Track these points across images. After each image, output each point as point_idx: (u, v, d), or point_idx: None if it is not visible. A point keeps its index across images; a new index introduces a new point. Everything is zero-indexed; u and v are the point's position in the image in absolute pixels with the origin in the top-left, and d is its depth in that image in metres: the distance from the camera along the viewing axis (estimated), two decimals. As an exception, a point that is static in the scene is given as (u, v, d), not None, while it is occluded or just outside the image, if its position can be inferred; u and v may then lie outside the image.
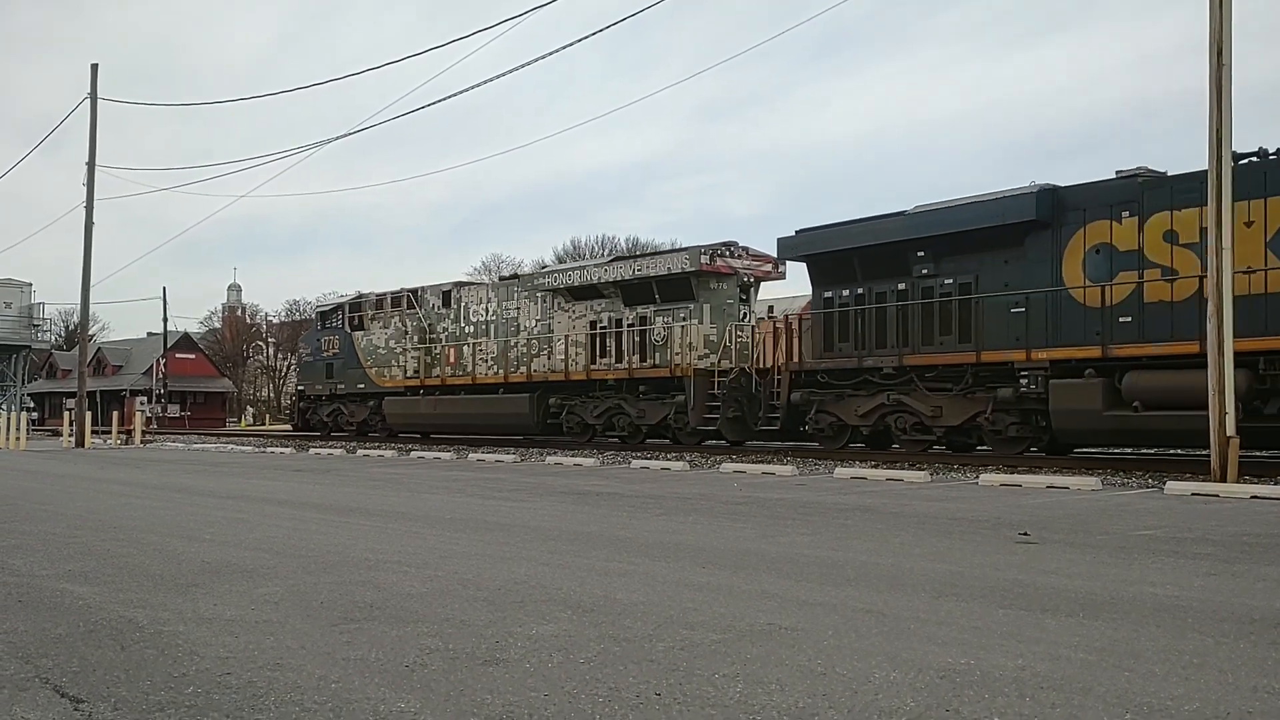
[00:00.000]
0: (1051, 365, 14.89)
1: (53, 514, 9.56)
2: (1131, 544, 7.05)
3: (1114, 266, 14.54)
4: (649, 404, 21.67)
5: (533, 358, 24.24)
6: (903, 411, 17.07)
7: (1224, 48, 11.91)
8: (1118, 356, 14.25)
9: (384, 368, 28.27)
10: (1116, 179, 14.93)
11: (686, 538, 7.47)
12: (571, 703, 3.23)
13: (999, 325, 15.62)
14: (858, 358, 17.41)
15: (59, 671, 3.66)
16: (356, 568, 6.03)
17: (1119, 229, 14.49)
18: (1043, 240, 15.25)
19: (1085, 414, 14.50)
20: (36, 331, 55.73)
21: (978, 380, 15.99)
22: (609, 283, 22.63)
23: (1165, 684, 3.42)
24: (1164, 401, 13.60)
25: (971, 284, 16.07)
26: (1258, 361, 12.94)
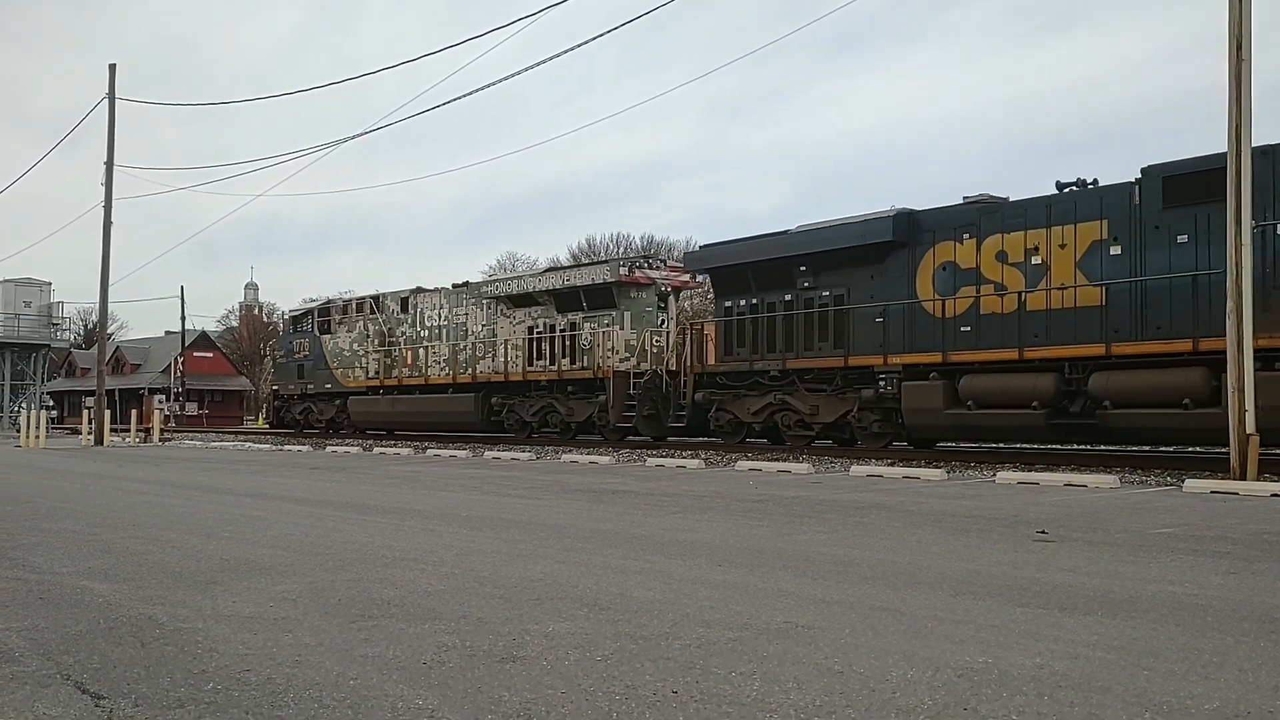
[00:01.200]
0: (904, 369, 16.92)
1: (72, 512, 9.63)
2: (1150, 542, 7.01)
3: (956, 282, 16.55)
4: (577, 403, 23.72)
5: (478, 360, 26.34)
6: (787, 410, 19.19)
7: (1243, 42, 11.82)
8: (955, 361, 16.28)
9: (349, 369, 30.53)
10: (961, 204, 16.95)
11: (702, 536, 7.47)
12: (588, 700, 3.23)
13: (865, 333, 17.75)
14: (750, 361, 19.53)
15: (80, 668, 3.69)
16: (374, 565, 6.06)
17: (961, 249, 16.52)
18: (900, 258, 17.32)
19: (930, 412, 16.52)
20: (56, 330, 56.15)
21: (847, 382, 18.11)
22: (543, 291, 24.90)
23: (1185, 683, 3.40)
24: (991, 400, 15.68)
25: (844, 296, 18.19)
26: (1063, 366, 14.98)
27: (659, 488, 12.02)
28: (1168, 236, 14.29)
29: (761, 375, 19.43)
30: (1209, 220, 13.66)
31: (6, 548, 6.97)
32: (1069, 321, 15.13)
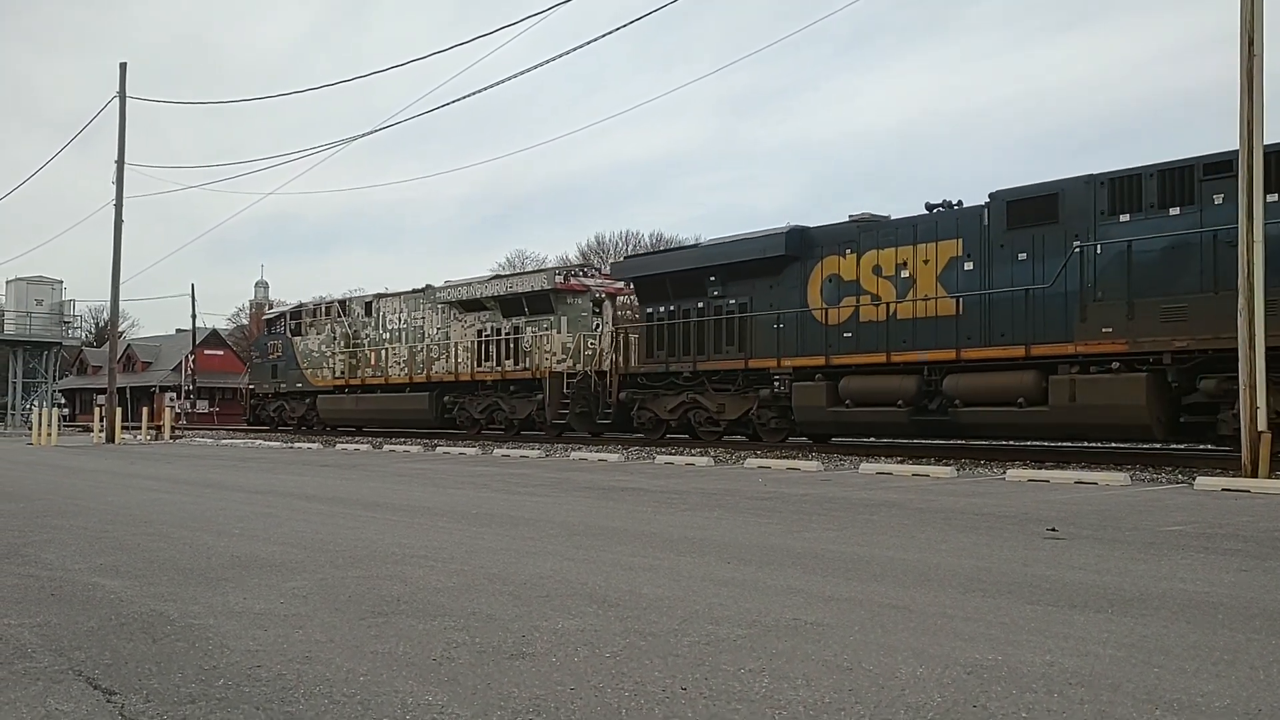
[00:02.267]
0: (795, 371, 18.76)
1: (84, 509, 9.67)
2: (1161, 540, 6.99)
3: (840, 293, 18.33)
4: (518, 401, 25.56)
5: (433, 361, 28.14)
6: (698, 407, 21.11)
7: (1255, 37, 11.77)
8: (836, 364, 18.09)
9: (318, 369, 32.45)
10: (845, 222, 18.77)
11: (711, 533, 7.47)
12: (597, 696, 3.23)
13: (763, 338, 19.49)
14: (666, 363, 21.31)
15: (91, 664, 3.71)
16: (383, 562, 6.07)
17: (844, 263, 18.31)
18: (794, 270, 19.06)
19: (816, 409, 18.37)
20: (67, 328, 56.29)
21: (748, 382, 19.94)
22: (490, 297, 26.64)
23: (1196, 680, 3.39)
24: (865, 399, 17.55)
25: (747, 304, 19.86)
26: (924, 369, 16.69)
27: (668, 485, 12.03)
28: (1010, 254, 15.93)
29: (676, 376, 21.28)
30: (1043, 240, 15.49)
31: (19, 544, 7.00)
32: (931, 329, 16.81)
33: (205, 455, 21.30)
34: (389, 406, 29.33)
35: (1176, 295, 13.96)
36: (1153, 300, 14.17)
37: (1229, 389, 13.04)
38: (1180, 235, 13.96)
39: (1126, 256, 14.45)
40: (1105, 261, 14.73)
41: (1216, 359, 13.51)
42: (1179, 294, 13.94)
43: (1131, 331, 14.35)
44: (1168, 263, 14.13)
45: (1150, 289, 14.24)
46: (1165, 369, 14.13)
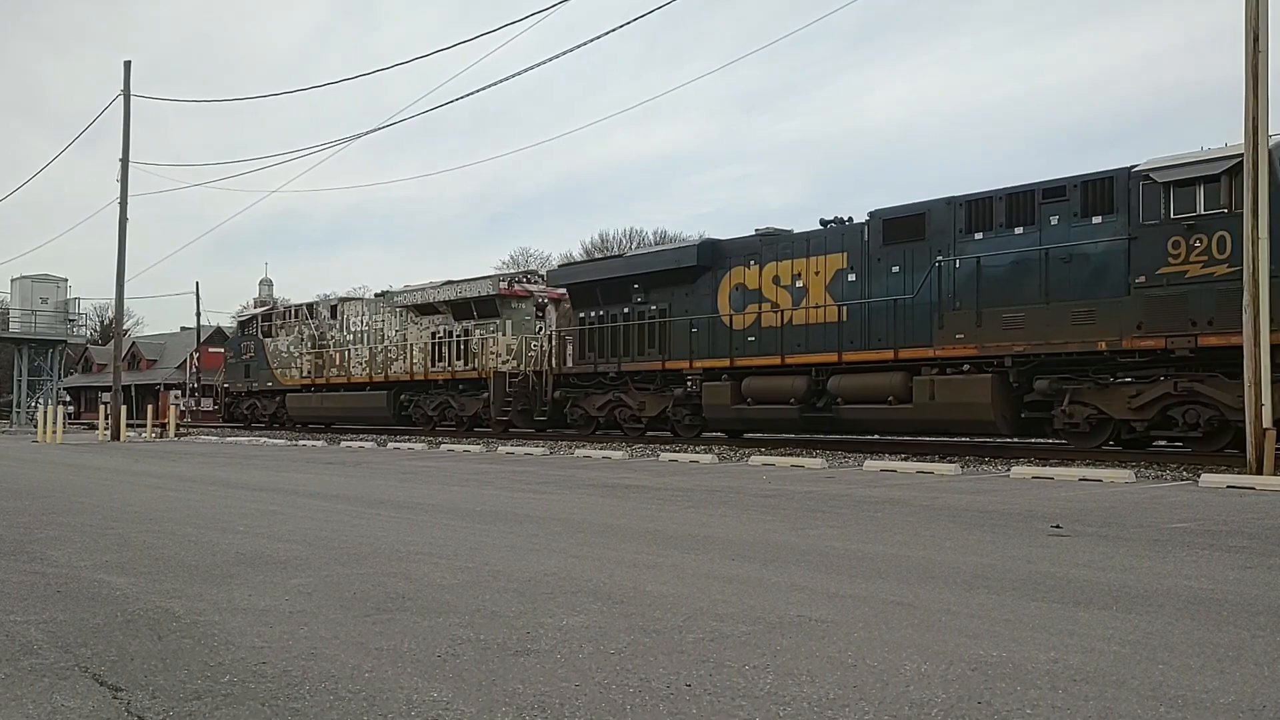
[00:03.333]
0: (704, 372, 20.41)
1: (89, 506, 9.69)
2: (1165, 537, 6.99)
3: (745, 300, 19.91)
4: (467, 399, 27.21)
5: (392, 362, 29.81)
6: (622, 405, 22.81)
7: (1260, 33, 11.75)
8: (739, 366, 19.71)
9: (287, 369, 34.22)
10: (751, 236, 20.38)
11: (715, 530, 7.48)
12: (603, 693, 3.24)
13: (679, 342, 21.11)
14: (595, 364, 22.97)
15: (98, 660, 3.72)
16: (388, 559, 6.08)
17: (748, 273, 19.94)
18: (707, 280, 20.71)
19: (722, 407, 19.98)
20: (72, 326, 56.41)
21: (665, 382, 21.62)
22: (443, 302, 28.31)
23: (1200, 677, 3.39)
24: (763, 397, 19.15)
25: (666, 310, 21.53)
26: (812, 370, 18.39)
27: (672, 482, 12.03)
28: (885, 267, 17.60)
29: (604, 376, 22.99)
30: (912, 255, 17.11)
31: (25, 541, 7.02)
32: (820, 334, 18.49)
33: (210, 453, 21.33)
34: (351, 404, 31.16)
35: (1017, 305, 15.70)
36: (997, 309, 15.87)
37: (1060, 388, 15.30)
38: (1021, 252, 15.70)
39: (977, 270, 16.18)
40: (961, 275, 16.40)
41: (1050, 361, 15.40)
42: (1019, 304, 15.67)
43: (979, 337, 16.04)
44: (1011, 276, 15.86)
45: (996, 299, 15.94)
46: (1007, 371, 15.78)
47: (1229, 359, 13.17)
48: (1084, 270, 14.97)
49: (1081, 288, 14.99)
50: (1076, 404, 15.29)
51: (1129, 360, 14.68)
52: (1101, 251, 14.82)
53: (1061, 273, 15.08)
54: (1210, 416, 14.09)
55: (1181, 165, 14.06)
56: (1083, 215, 15.11)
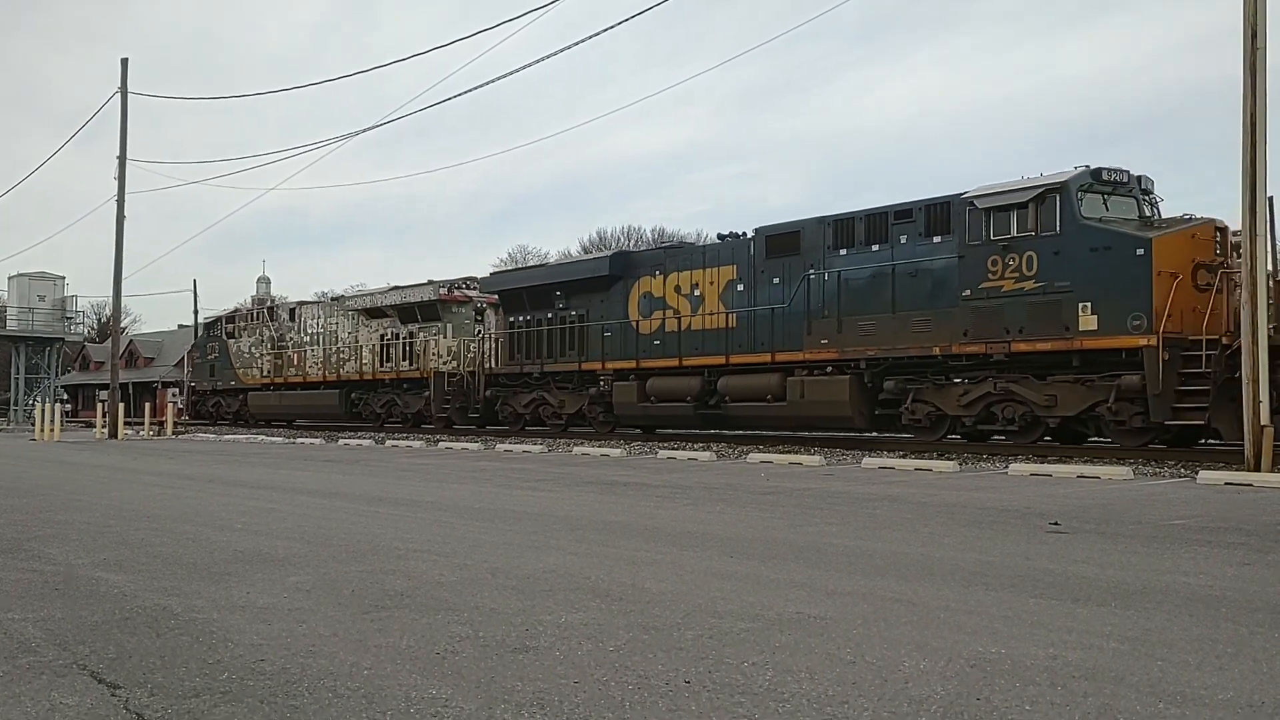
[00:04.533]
0: (615, 373, 22.16)
1: (87, 504, 9.69)
2: (1164, 533, 6.99)
3: (652, 307, 21.67)
4: (411, 397, 28.94)
5: (344, 362, 31.63)
6: (545, 403, 24.51)
7: (1258, 30, 11.74)
8: (645, 367, 21.53)
9: (249, 368, 35.98)
10: (657, 248, 23.31)
11: (714, 527, 7.48)
12: (601, 690, 3.24)
13: (594, 345, 22.79)
14: (521, 365, 24.75)
15: (96, 658, 3.71)
16: (386, 556, 6.08)
17: (654, 282, 21.74)
18: (619, 288, 22.41)
19: (630, 404, 21.79)
20: (69, 324, 56.33)
21: (582, 382, 23.29)
22: (390, 306, 30.08)
23: (1199, 673, 3.39)
24: (664, 396, 21.09)
25: (584, 315, 23.14)
26: (705, 371, 20.22)
27: (670, 480, 12.03)
28: (768, 278, 19.32)
29: (529, 376, 24.73)
30: (789, 268, 18.88)
31: (23, 539, 7.01)
32: (713, 339, 20.22)
33: (208, 451, 21.32)
34: (307, 402, 33.11)
35: (870, 314, 17.56)
36: (855, 318, 17.77)
37: (905, 388, 17.25)
38: (875, 267, 17.55)
39: (839, 283, 18.03)
40: (827, 286, 18.24)
41: (897, 364, 17.28)
42: (872, 313, 17.54)
43: (840, 343, 17.94)
44: (866, 288, 17.71)
45: (854, 309, 17.80)
46: (863, 372, 17.66)
47: (1038, 363, 15.55)
48: (925, 284, 16.82)
49: (923, 299, 16.80)
50: (919, 402, 17.13)
51: (958, 364, 16.56)
52: (939, 268, 16.64)
53: (907, 286, 17.02)
54: (1024, 413, 15.90)
55: (998, 194, 15.91)
56: (926, 235, 16.87)
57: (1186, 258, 14.46)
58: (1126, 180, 15.56)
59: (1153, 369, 14.00)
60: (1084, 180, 15.24)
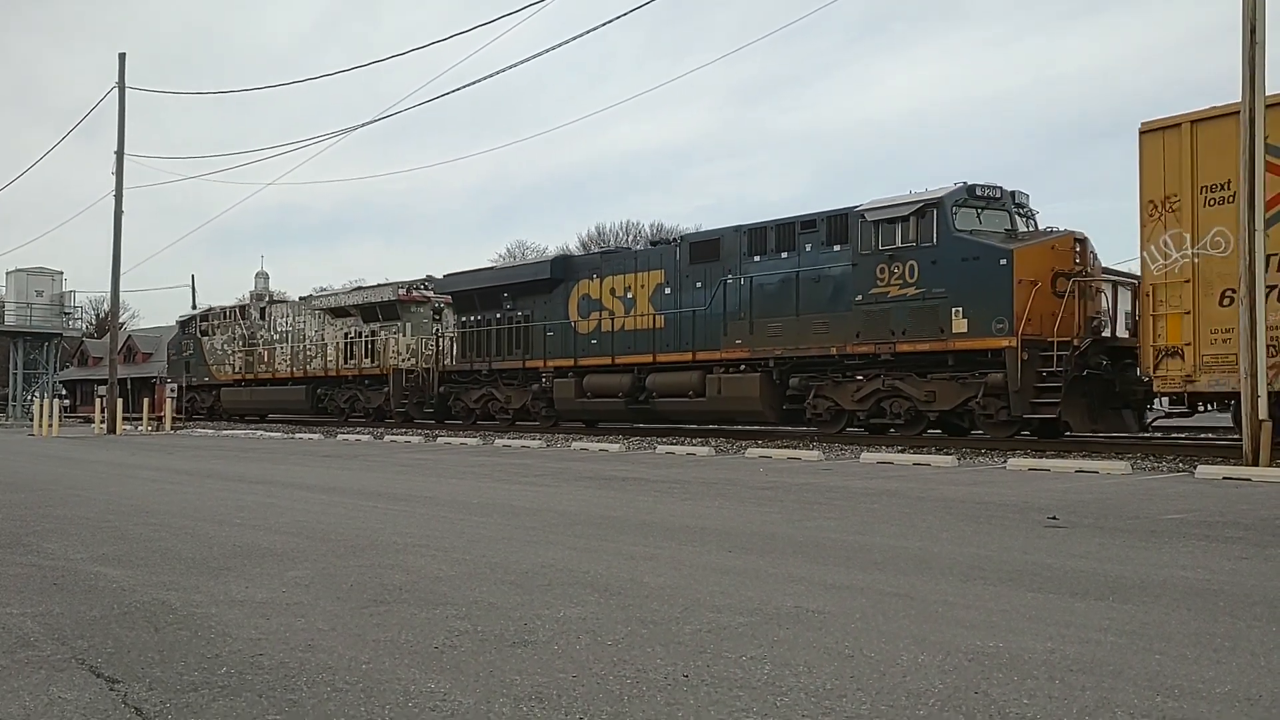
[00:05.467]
0: (555, 370, 23.72)
1: (86, 499, 9.69)
2: (1162, 528, 7.00)
3: (590, 309, 23.17)
4: (373, 393, 30.52)
5: (310, 359, 33.25)
6: (493, 399, 26.09)
7: (1257, 25, 11.73)
8: (582, 365, 23.00)
9: (221, 365, 37.68)
10: (595, 254, 25.63)
11: (712, 522, 7.48)
12: (600, 684, 3.24)
13: (537, 344, 24.30)
14: (471, 363, 26.27)
15: (94, 652, 3.71)
16: (385, 551, 6.08)
17: (592, 285, 23.25)
18: (560, 290, 23.95)
19: (568, 400, 23.32)
20: (67, 319, 56.25)
21: (526, 379, 24.85)
22: (353, 306, 31.80)
23: (1197, 666, 3.40)
24: (598, 391, 22.62)
25: (529, 316, 24.62)
26: (635, 369, 21.74)
27: (669, 474, 12.04)
28: (692, 283, 20.83)
29: (478, 373, 26.20)
30: (709, 273, 20.40)
31: (21, 534, 7.01)
32: (644, 339, 21.65)
33: (206, 446, 21.32)
34: (277, 398, 34.59)
35: (778, 317, 19.01)
36: (765, 320, 19.22)
37: (808, 385, 18.76)
38: (783, 273, 19.02)
39: (751, 287, 19.52)
40: (742, 291, 19.71)
41: (800, 363, 18.81)
42: (780, 316, 18.97)
43: (752, 343, 19.40)
44: (775, 293, 19.16)
45: (764, 312, 19.25)
46: (771, 370, 19.17)
47: (919, 363, 17.07)
48: (826, 289, 18.34)
49: (823, 303, 18.34)
50: (819, 397, 18.69)
51: (852, 362, 18.05)
52: (837, 274, 18.19)
53: (810, 291, 18.56)
54: (908, 407, 17.39)
55: (885, 207, 17.40)
56: (827, 244, 18.40)
57: (1046, 267, 15.98)
58: (999, 195, 17.05)
59: (1013, 367, 15.54)
60: (959, 196, 16.73)
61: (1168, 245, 14.09)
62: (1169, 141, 14.01)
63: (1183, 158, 13.84)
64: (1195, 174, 13.74)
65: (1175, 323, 14.03)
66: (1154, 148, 14.18)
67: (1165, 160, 14.06)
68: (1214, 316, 13.65)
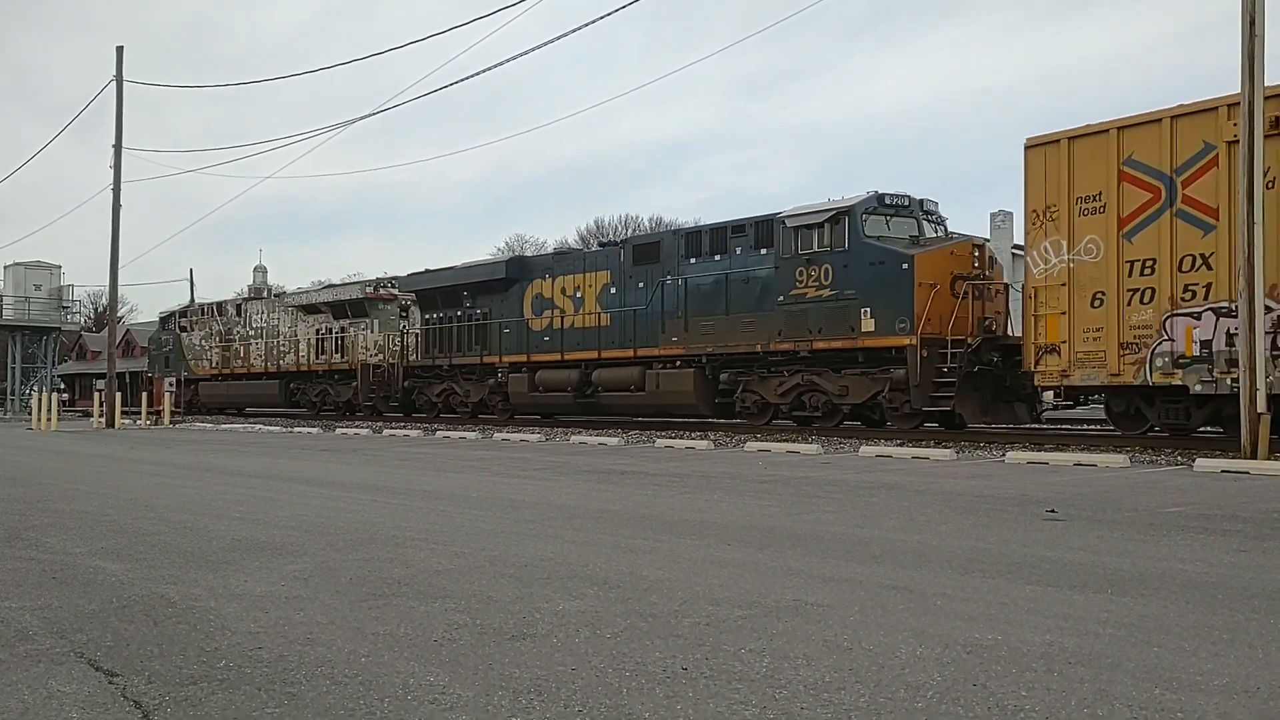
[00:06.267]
0: (510, 365, 24.92)
1: (84, 493, 9.68)
2: (1160, 521, 7.01)
3: (542, 307, 24.34)
4: (342, 387, 31.65)
5: (283, 355, 34.36)
6: (454, 393, 27.35)
7: (1256, 18, 11.72)
8: (535, 361, 24.23)
9: (199, 360, 38.94)
10: (548, 254, 27.20)
11: (711, 515, 7.49)
12: (599, 677, 3.24)
13: (494, 340, 25.55)
14: (434, 358, 27.59)
15: (93, 646, 3.72)
16: (384, 545, 6.08)
17: (545, 285, 24.41)
18: (515, 289, 25.13)
19: (522, 394, 24.54)
20: (66, 313, 56.18)
21: (484, 374, 26.04)
22: (324, 303, 32.95)
23: (1195, 659, 3.40)
24: (549, 386, 23.74)
25: (488, 313, 25.82)
26: (582, 364, 22.83)
27: (667, 468, 12.04)
28: (635, 284, 21.94)
29: (439, 368, 27.51)
30: (650, 274, 21.56)
31: (20, 528, 7.01)
32: (591, 336, 22.81)
33: (205, 440, 21.31)
34: (251, 392, 35.78)
35: (711, 316, 20.16)
36: (698, 319, 20.40)
37: (737, 380, 20.09)
38: (715, 275, 20.18)
39: (687, 288, 20.72)
40: (679, 292, 20.89)
41: (730, 359, 20.02)
42: (712, 315, 20.13)
43: (687, 340, 20.60)
44: (708, 293, 20.32)
45: (698, 311, 20.42)
46: (704, 366, 20.40)
47: (834, 360, 18.30)
48: (753, 290, 19.42)
49: (751, 303, 19.42)
50: (747, 391, 19.92)
51: (775, 359, 19.22)
52: (763, 276, 19.28)
53: (739, 292, 19.69)
54: (825, 401, 18.61)
55: (803, 214, 18.63)
56: (755, 248, 19.51)
57: (945, 271, 17.10)
58: (907, 204, 18.29)
59: (913, 364, 16.73)
60: (869, 205, 17.96)
61: (1048, 251, 15.24)
62: (1050, 156, 15.07)
63: (1061, 171, 14.91)
64: (1071, 186, 14.86)
65: (1054, 322, 15.13)
66: (1037, 161, 15.24)
67: (1047, 173, 15.15)
68: (1086, 317, 14.75)
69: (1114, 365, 14.41)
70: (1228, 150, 13.04)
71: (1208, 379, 13.49)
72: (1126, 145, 14.22)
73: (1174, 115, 13.77)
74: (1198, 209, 13.59)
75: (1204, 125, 13.47)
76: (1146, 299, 14.04)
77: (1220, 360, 13.31)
